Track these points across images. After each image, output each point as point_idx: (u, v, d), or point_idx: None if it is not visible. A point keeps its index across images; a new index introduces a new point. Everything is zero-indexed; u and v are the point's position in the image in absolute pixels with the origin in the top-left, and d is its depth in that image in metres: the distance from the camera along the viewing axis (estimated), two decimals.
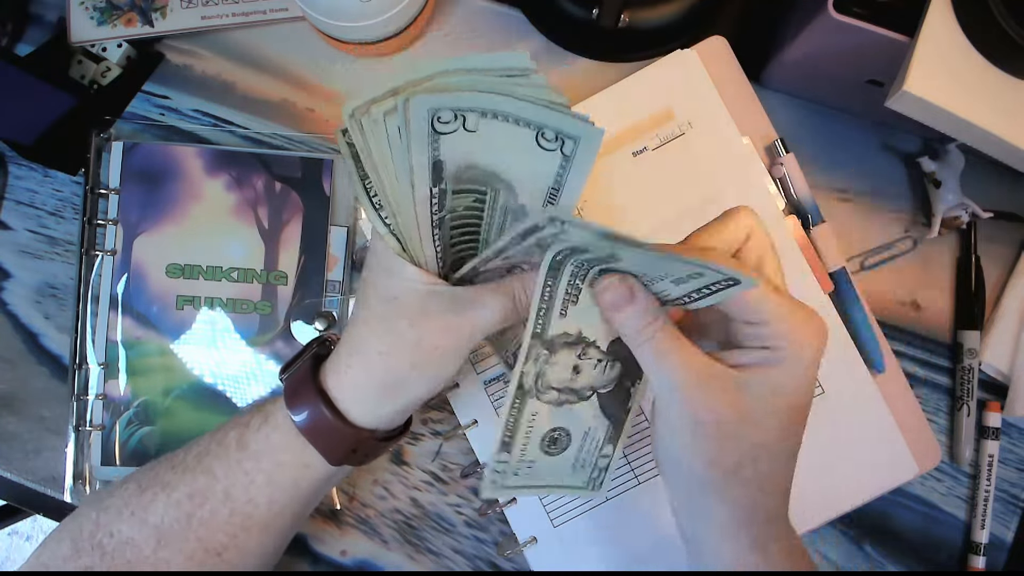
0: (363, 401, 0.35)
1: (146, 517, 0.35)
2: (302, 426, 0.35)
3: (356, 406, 0.35)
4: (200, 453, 0.36)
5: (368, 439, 0.35)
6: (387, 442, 0.37)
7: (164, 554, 0.34)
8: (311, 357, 0.37)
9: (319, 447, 0.35)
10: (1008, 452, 0.47)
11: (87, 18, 0.48)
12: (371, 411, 0.35)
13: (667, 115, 0.46)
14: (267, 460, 0.35)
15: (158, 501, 0.35)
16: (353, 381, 0.35)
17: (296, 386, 0.36)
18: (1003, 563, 0.46)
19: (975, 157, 0.43)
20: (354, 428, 0.35)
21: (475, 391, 0.45)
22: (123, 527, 0.35)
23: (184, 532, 0.34)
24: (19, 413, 0.47)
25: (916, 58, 0.35)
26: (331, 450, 0.35)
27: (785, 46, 0.44)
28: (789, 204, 0.46)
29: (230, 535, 0.35)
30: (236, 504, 0.35)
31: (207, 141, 0.49)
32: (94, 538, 0.35)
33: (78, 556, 0.35)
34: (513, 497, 0.44)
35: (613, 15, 0.44)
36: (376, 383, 0.35)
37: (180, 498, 0.35)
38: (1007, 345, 0.46)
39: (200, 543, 0.35)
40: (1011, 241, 0.48)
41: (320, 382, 0.35)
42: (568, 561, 0.44)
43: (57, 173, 0.49)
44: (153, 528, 0.34)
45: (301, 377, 0.36)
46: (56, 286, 0.48)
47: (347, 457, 0.35)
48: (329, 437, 0.35)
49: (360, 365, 0.35)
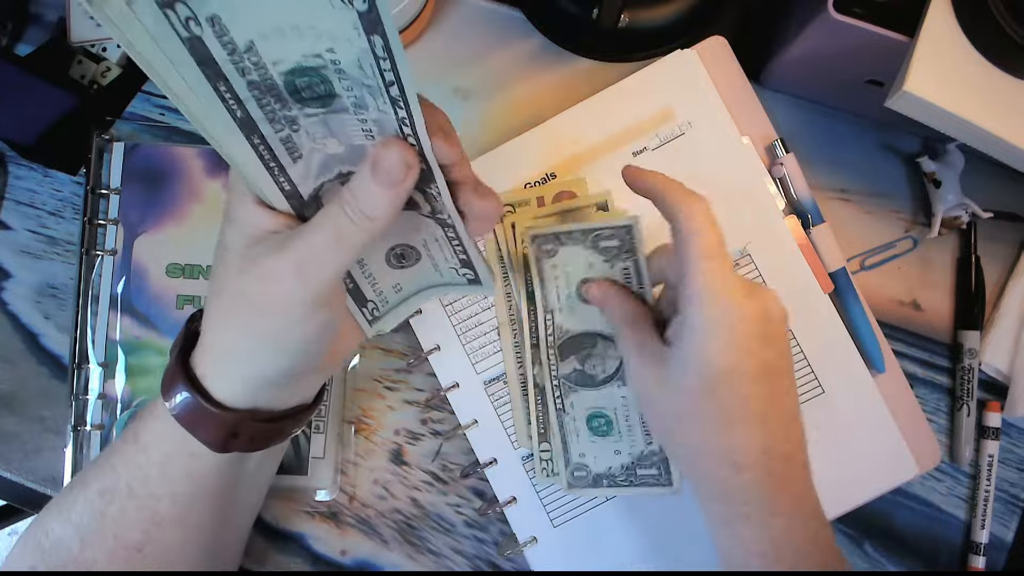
0: (222, 376, 0.32)
1: (70, 516, 0.34)
2: (175, 413, 0.32)
3: (219, 383, 0.32)
4: (109, 450, 0.35)
5: (246, 420, 0.32)
6: (277, 423, 0.34)
7: (88, 553, 0.34)
8: (183, 336, 0.34)
9: (195, 434, 0.32)
10: (1008, 452, 0.47)
11: (87, 18, 0.48)
12: (234, 387, 0.32)
13: (667, 115, 0.46)
14: (155, 452, 0.33)
15: (77, 500, 0.34)
16: (211, 355, 0.32)
17: (168, 371, 0.33)
18: (1003, 563, 0.46)
19: (975, 157, 0.43)
20: (225, 410, 0.32)
21: (475, 391, 0.45)
22: (55, 526, 0.34)
23: (101, 530, 0.34)
24: (19, 413, 0.47)
25: (916, 58, 0.35)
26: (208, 436, 0.32)
27: (785, 46, 0.44)
28: (789, 204, 0.46)
29: (143, 531, 0.34)
30: (140, 500, 0.33)
31: (207, 141, 0.48)
32: (35, 538, 0.35)
33: (24, 555, 0.35)
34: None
35: (613, 15, 0.44)
36: (226, 352, 0.31)
37: (92, 495, 0.34)
38: (1007, 345, 0.46)
39: (117, 541, 0.34)
40: (1011, 241, 0.48)
41: (190, 363, 0.33)
42: (568, 561, 0.44)
43: (57, 173, 0.49)
44: (75, 527, 0.34)
45: (172, 360, 0.33)
46: (56, 286, 0.48)
47: (229, 442, 0.32)
48: (202, 422, 0.32)
49: (211, 334, 0.32)
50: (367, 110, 0.25)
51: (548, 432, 0.43)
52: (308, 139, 0.27)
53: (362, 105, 0.25)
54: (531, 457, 0.45)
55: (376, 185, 0.26)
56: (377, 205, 0.27)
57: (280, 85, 0.24)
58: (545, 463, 0.43)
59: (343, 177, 0.29)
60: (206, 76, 0.23)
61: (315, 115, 0.25)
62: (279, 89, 0.24)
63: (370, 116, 0.26)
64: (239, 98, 0.24)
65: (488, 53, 0.49)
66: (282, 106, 0.25)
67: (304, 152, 0.27)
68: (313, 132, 0.26)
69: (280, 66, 0.23)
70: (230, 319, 0.31)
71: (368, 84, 0.24)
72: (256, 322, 0.30)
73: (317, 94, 0.24)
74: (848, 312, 0.45)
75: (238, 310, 0.30)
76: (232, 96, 0.24)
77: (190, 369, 0.33)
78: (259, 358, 0.31)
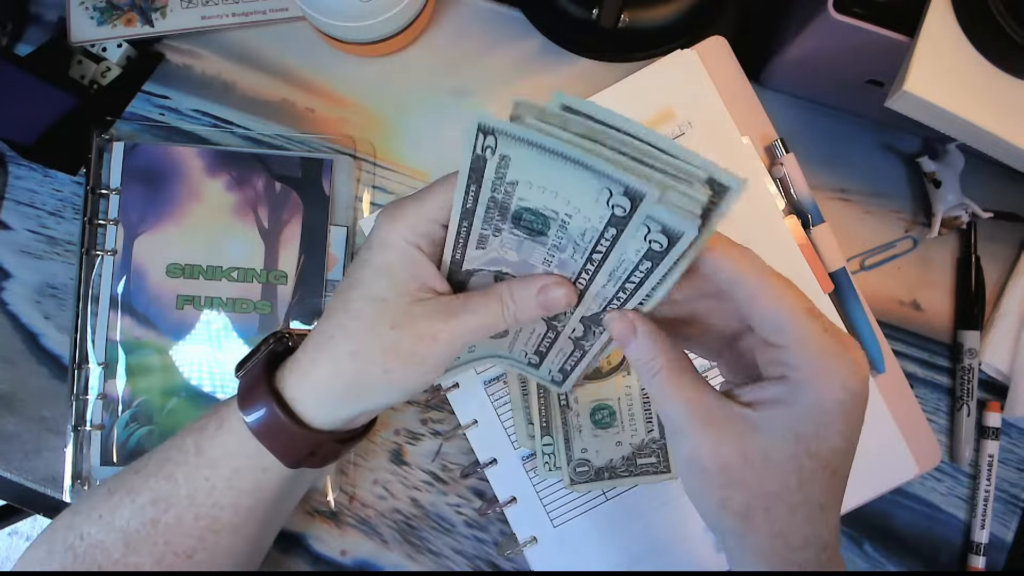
0: (323, 403, 0.33)
1: (113, 521, 0.34)
2: (255, 428, 0.33)
3: (315, 408, 0.33)
4: (162, 459, 0.35)
5: (326, 442, 0.34)
6: (348, 443, 0.36)
7: (134, 559, 0.34)
8: (267, 354, 0.36)
9: (273, 450, 0.33)
10: (1008, 452, 0.47)
11: (87, 18, 0.48)
12: (331, 413, 0.34)
13: (667, 115, 0.46)
14: (225, 466, 0.34)
15: (124, 506, 0.35)
16: (315, 381, 0.33)
17: (250, 386, 0.34)
18: (1003, 563, 0.46)
19: (975, 157, 0.43)
20: (310, 430, 0.33)
21: (475, 391, 0.45)
22: (92, 530, 0.35)
23: (151, 536, 0.34)
24: (19, 413, 0.47)
25: (916, 58, 0.35)
26: (286, 453, 0.34)
27: (785, 46, 0.44)
28: (789, 204, 0.46)
29: (198, 538, 0.34)
30: (201, 509, 0.34)
31: (207, 141, 0.49)
32: (66, 541, 0.35)
33: (51, 558, 0.35)
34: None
35: (613, 15, 0.44)
36: (341, 384, 0.33)
37: (144, 503, 0.34)
38: (1007, 345, 0.46)
39: (168, 547, 0.34)
40: (1011, 241, 0.48)
41: (275, 381, 0.34)
42: (568, 561, 0.44)
43: (57, 173, 0.49)
44: (120, 532, 0.34)
45: (255, 376, 0.34)
46: (56, 286, 0.48)
47: (305, 460, 0.34)
48: (284, 440, 0.33)
49: (326, 364, 0.33)
50: (562, 252, 0.29)
51: (551, 426, 0.43)
52: (499, 244, 0.31)
53: (560, 248, 0.29)
54: (531, 457, 0.45)
55: (535, 305, 0.31)
56: (527, 316, 0.32)
57: (511, 209, 0.28)
58: (548, 457, 0.44)
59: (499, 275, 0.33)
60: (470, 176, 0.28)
61: (518, 236, 0.30)
62: (508, 211, 0.28)
63: (559, 256, 0.30)
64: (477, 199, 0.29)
65: (488, 53, 0.49)
66: (501, 219, 0.29)
67: (488, 247, 0.31)
68: (506, 243, 0.31)
69: (523, 202, 0.28)
70: (362, 362, 0.32)
71: (578, 244, 0.28)
72: (400, 373, 0.32)
73: (531, 229, 0.29)
74: (848, 312, 0.45)
75: (378, 358, 0.32)
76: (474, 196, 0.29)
77: (274, 385, 0.34)
78: (383, 396, 0.33)
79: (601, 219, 0.26)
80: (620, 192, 0.24)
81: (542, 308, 0.31)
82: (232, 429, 0.34)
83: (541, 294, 0.31)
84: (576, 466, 0.42)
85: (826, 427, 0.27)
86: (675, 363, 0.30)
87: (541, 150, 0.25)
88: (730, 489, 0.29)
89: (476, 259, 0.32)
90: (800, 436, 0.28)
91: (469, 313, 0.32)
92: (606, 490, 0.44)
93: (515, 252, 0.31)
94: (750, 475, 0.28)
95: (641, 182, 0.24)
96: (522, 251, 0.31)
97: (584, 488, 0.44)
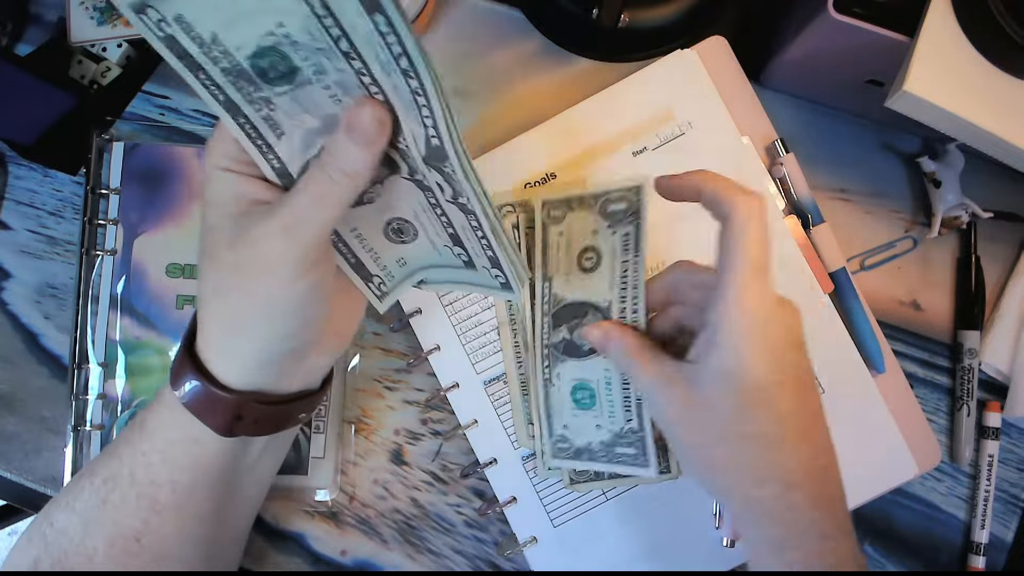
0: (223, 355, 0.32)
1: (74, 504, 0.35)
2: (184, 402, 0.33)
3: (220, 364, 0.32)
4: (117, 439, 0.36)
5: (250, 403, 0.33)
6: (283, 406, 0.34)
7: (90, 542, 0.34)
8: (190, 325, 0.34)
9: (199, 416, 0.33)
10: (1008, 452, 0.47)
11: (87, 18, 0.48)
12: (235, 365, 0.32)
13: (667, 115, 0.46)
14: (159, 438, 0.34)
15: (83, 488, 0.35)
16: (209, 335, 0.32)
17: (177, 358, 0.33)
18: (1003, 563, 0.46)
19: (975, 157, 0.43)
20: (230, 391, 0.32)
21: (475, 391, 0.45)
22: (59, 515, 0.35)
23: (101, 517, 0.34)
24: (19, 413, 0.47)
25: (916, 58, 0.35)
26: (213, 419, 0.32)
27: (785, 46, 0.44)
28: (789, 204, 0.46)
29: (142, 520, 0.34)
30: (141, 487, 0.34)
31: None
32: (40, 529, 0.35)
33: (30, 546, 0.35)
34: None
35: (613, 15, 0.44)
36: (224, 329, 0.32)
37: (97, 483, 0.34)
38: (1007, 345, 0.46)
39: (116, 527, 0.34)
40: (1011, 241, 0.48)
41: (195, 349, 0.33)
42: (568, 561, 0.44)
43: (57, 173, 0.49)
44: (79, 515, 0.34)
45: (180, 348, 0.34)
46: (56, 286, 0.48)
47: (234, 425, 0.33)
48: (207, 405, 0.32)
49: (208, 315, 0.32)
50: (327, 74, 0.27)
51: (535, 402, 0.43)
52: (286, 116, 0.28)
53: (321, 71, 0.27)
54: (531, 457, 0.45)
55: (352, 144, 0.28)
56: (354, 161, 0.28)
57: (248, 69, 0.26)
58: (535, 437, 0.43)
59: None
60: (187, 67, 0.26)
61: (284, 92, 0.27)
62: (249, 73, 0.26)
63: (331, 79, 0.27)
64: (217, 84, 0.27)
65: (488, 53, 0.49)
66: (255, 88, 0.27)
67: (285, 130, 0.29)
68: (288, 109, 0.28)
69: (243, 51, 0.26)
70: (225, 294, 0.31)
71: (320, 47, 0.26)
72: (249, 287, 0.30)
73: (281, 72, 0.27)
74: (848, 312, 0.45)
75: (230, 281, 0.31)
76: (212, 83, 0.27)
77: (196, 356, 0.33)
78: (255, 328, 0.31)
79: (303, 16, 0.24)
80: None
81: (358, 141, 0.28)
82: (165, 400, 0.34)
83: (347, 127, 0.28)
84: (556, 442, 0.42)
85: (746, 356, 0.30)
86: (639, 344, 0.35)
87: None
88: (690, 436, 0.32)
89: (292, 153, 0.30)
90: (724, 372, 0.30)
91: (293, 194, 0.29)
92: (606, 490, 0.44)
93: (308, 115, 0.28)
94: (699, 419, 0.31)
95: None
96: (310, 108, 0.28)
97: (584, 488, 0.44)
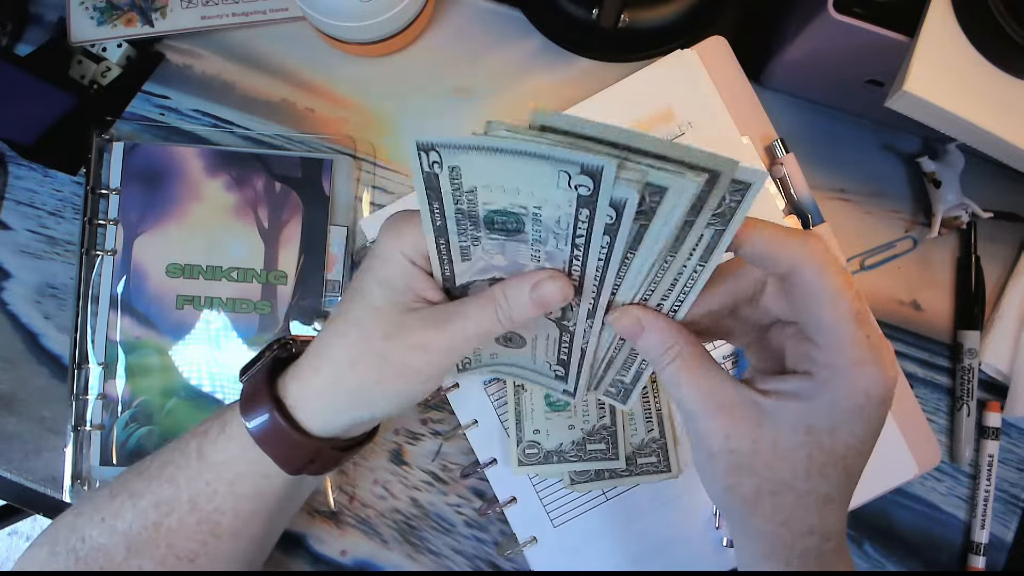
0: (324, 411, 0.34)
1: (115, 524, 0.35)
2: (256, 434, 0.33)
3: (316, 415, 0.34)
4: (164, 462, 0.36)
5: (325, 449, 0.34)
6: (348, 452, 0.36)
7: (136, 561, 0.34)
8: (270, 360, 0.36)
9: (274, 456, 0.34)
10: (1008, 452, 0.47)
11: (87, 18, 0.48)
12: (331, 421, 0.34)
13: (667, 115, 0.46)
14: (227, 471, 0.34)
15: (126, 508, 0.35)
16: (317, 389, 0.34)
17: (252, 391, 0.34)
18: (1003, 563, 0.46)
19: (975, 157, 0.43)
20: (310, 438, 0.34)
21: (475, 391, 0.45)
22: (94, 532, 0.35)
23: (153, 540, 0.34)
24: (19, 413, 0.47)
25: (916, 58, 0.35)
26: (286, 460, 0.34)
27: (785, 46, 0.44)
28: (789, 204, 0.46)
29: (200, 542, 0.35)
30: (202, 513, 0.34)
31: (207, 141, 0.49)
32: (68, 543, 0.35)
33: (54, 560, 0.35)
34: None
35: (613, 15, 0.44)
36: (340, 393, 0.33)
37: (147, 507, 0.35)
38: (1007, 345, 0.46)
39: (171, 550, 0.34)
40: (1011, 241, 0.48)
41: (277, 388, 0.34)
42: (568, 561, 0.44)
43: (57, 173, 0.49)
44: (122, 535, 0.34)
45: (258, 382, 0.34)
46: (56, 286, 0.48)
47: (304, 467, 0.34)
48: (284, 446, 0.34)
49: (327, 372, 0.33)
50: (544, 245, 0.29)
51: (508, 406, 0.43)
52: (482, 252, 0.31)
53: (542, 241, 0.28)
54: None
55: (530, 300, 0.30)
56: (523, 313, 0.31)
57: (480, 216, 0.28)
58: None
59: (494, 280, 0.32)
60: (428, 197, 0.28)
61: (497, 240, 0.29)
62: (478, 218, 0.28)
63: (544, 249, 0.29)
64: (444, 215, 0.29)
65: (488, 53, 0.49)
66: (475, 228, 0.29)
67: (473, 258, 0.31)
68: (489, 248, 0.30)
69: (489, 206, 0.28)
70: (360, 370, 0.32)
71: (557, 233, 0.27)
72: (393, 383, 0.32)
73: (507, 229, 0.29)
74: None
75: (372, 367, 0.32)
76: (440, 212, 0.29)
77: (276, 392, 0.34)
78: (380, 405, 0.33)
79: (570, 203, 0.25)
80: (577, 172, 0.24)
81: (538, 304, 0.30)
82: (234, 435, 0.34)
83: (535, 289, 0.30)
84: (525, 448, 0.42)
85: (841, 425, 0.28)
86: (688, 352, 0.30)
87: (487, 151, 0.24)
88: (739, 474, 0.29)
89: (466, 271, 0.32)
90: (812, 429, 0.28)
91: (462, 318, 0.31)
92: (606, 490, 0.44)
93: (501, 255, 0.31)
94: (759, 462, 0.29)
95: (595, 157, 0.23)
96: (507, 253, 0.30)
97: (584, 488, 0.44)
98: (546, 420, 0.42)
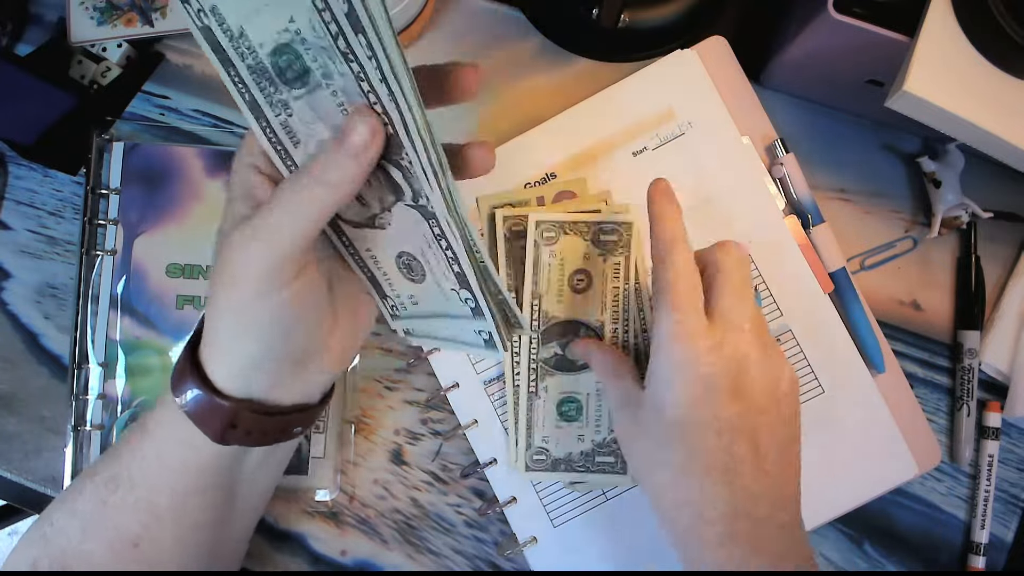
0: (219, 360, 0.32)
1: (74, 506, 0.34)
2: (185, 409, 0.33)
3: (216, 369, 0.32)
4: (123, 438, 0.36)
5: (244, 411, 0.32)
6: (277, 418, 0.34)
7: (88, 545, 0.34)
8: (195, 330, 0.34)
9: (198, 423, 0.33)
10: (1008, 452, 0.47)
11: (87, 18, 0.48)
12: (226, 371, 0.32)
13: (667, 115, 0.46)
14: (158, 440, 0.34)
15: (85, 487, 0.35)
16: (208, 341, 0.32)
17: (179, 362, 0.34)
18: (1003, 563, 0.46)
19: (975, 157, 0.43)
20: (226, 399, 0.32)
21: (475, 391, 0.45)
22: (58, 515, 0.35)
23: (101, 519, 0.34)
24: (19, 413, 0.47)
25: (916, 58, 0.35)
26: (208, 425, 0.32)
27: (785, 46, 0.44)
28: (789, 204, 0.46)
29: (142, 524, 0.34)
30: (140, 491, 0.34)
31: (207, 141, 0.49)
32: (40, 529, 0.35)
33: (29, 546, 0.35)
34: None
35: (613, 15, 0.44)
36: (217, 335, 0.32)
37: (99, 483, 0.34)
38: (1007, 345, 0.46)
39: (116, 532, 0.34)
40: (1011, 241, 0.48)
41: (198, 354, 0.33)
42: (568, 561, 0.44)
43: (57, 173, 0.49)
44: (79, 517, 0.34)
45: (184, 352, 0.34)
46: (56, 286, 0.48)
47: (227, 433, 0.33)
48: (204, 411, 0.32)
49: (208, 320, 0.32)
50: (333, 79, 0.26)
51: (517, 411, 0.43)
52: (302, 124, 0.28)
53: (328, 74, 0.26)
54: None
55: (341, 155, 0.27)
56: (339, 171, 0.27)
57: (269, 68, 0.27)
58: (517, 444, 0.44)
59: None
60: (220, 62, 0.27)
61: (300, 96, 0.27)
62: (269, 72, 0.27)
63: (337, 85, 0.27)
64: (244, 82, 0.27)
65: (488, 53, 0.49)
66: (275, 89, 0.27)
67: (301, 137, 0.29)
68: (303, 116, 0.28)
69: (264, 48, 0.26)
70: (215, 300, 0.31)
71: (323, 46, 0.25)
72: (231, 295, 0.30)
73: (296, 72, 0.27)
74: (848, 312, 0.45)
75: (218, 288, 0.30)
76: (240, 80, 0.27)
77: (198, 361, 0.33)
78: (241, 335, 0.31)
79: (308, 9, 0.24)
80: None
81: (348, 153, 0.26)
82: (167, 403, 0.34)
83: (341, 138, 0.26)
84: (534, 454, 0.43)
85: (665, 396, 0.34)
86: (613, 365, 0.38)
87: None
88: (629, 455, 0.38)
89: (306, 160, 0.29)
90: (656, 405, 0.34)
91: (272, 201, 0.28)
92: (606, 490, 0.44)
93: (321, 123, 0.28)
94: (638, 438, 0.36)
95: None
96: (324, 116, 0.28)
97: (584, 488, 0.44)
98: (556, 429, 0.42)
